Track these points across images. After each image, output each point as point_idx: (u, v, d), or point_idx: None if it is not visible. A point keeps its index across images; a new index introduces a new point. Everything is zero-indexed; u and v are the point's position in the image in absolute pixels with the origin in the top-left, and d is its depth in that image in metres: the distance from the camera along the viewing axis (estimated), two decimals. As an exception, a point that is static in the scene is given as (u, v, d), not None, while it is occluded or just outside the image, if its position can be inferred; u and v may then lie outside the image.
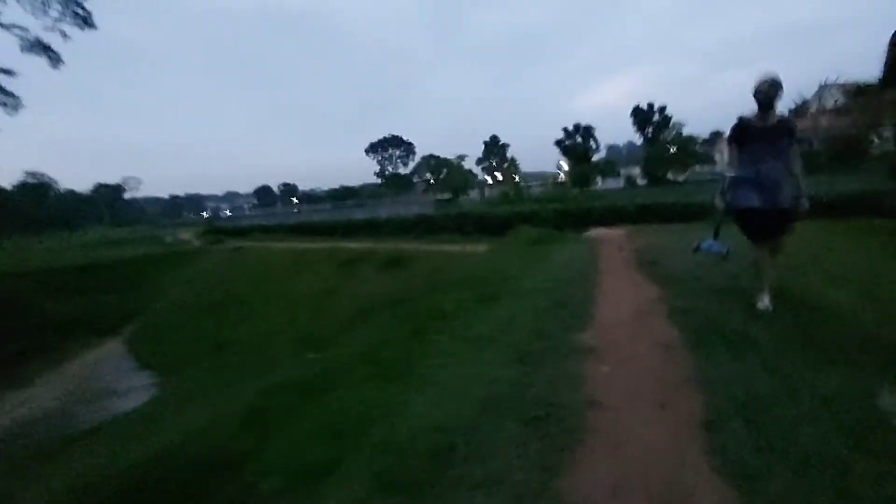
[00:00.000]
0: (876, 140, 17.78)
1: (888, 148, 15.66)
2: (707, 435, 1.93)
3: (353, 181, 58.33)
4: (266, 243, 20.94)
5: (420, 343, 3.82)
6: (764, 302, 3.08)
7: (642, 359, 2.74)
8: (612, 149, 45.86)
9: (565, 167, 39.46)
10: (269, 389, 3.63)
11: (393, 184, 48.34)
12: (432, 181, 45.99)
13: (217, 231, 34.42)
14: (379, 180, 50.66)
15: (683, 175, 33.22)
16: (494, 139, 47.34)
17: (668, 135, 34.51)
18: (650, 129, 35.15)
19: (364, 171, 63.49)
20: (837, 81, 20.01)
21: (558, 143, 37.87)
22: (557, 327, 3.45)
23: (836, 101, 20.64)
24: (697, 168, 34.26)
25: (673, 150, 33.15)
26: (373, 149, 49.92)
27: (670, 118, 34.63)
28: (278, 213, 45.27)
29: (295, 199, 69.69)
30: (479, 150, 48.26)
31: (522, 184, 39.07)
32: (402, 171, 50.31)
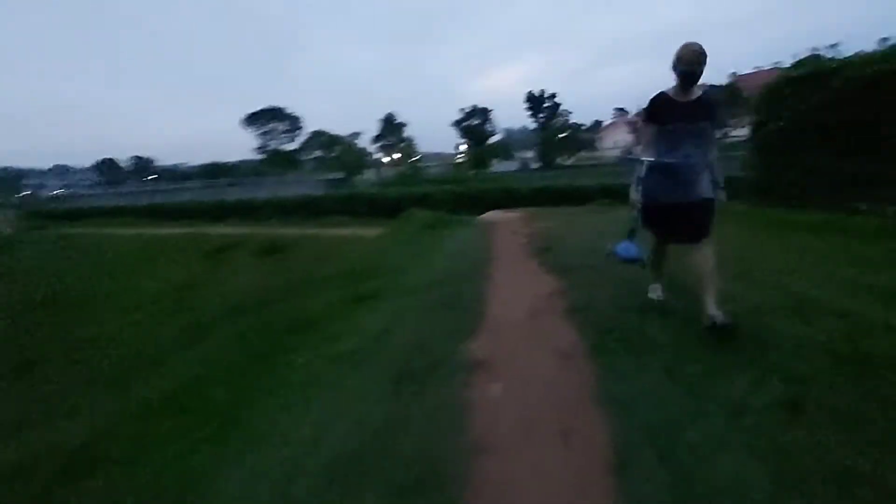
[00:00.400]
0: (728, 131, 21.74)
1: (739, 139, 19.30)
2: (617, 479, 1.54)
3: (228, 157, 50.92)
4: (110, 229, 17.10)
5: (271, 367, 2.92)
6: (657, 292, 2.92)
7: (539, 373, 2.28)
8: (507, 132, 47.59)
9: (464, 148, 39.96)
10: (21, 462, 2.39)
11: (276, 161, 43.05)
12: (323, 160, 42.54)
13: (42, 214, 27.50)
14: (259, 157, 44.68)
15: (572, 159, 36.37)
16: (390, 117, 45.43)
17: (558, 121, 37.21)
18: (542, 116, 37.33)
19: (241, 146, 55.81)
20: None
21: (457, 123, 38.07)
22: (443, 335, 2.86)
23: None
24: (583, 153, 37.73)
25: (563, 135, 35.94)
26: (250, 121, 43.45)
27: (560, 105, 37.21)
28: (131, 192, 37.78)
29: (152, 176, 58.31)
30: (374, 128, 45.98)
31: (420, 164, 38.46)
32: (288, 147, 45.03)
